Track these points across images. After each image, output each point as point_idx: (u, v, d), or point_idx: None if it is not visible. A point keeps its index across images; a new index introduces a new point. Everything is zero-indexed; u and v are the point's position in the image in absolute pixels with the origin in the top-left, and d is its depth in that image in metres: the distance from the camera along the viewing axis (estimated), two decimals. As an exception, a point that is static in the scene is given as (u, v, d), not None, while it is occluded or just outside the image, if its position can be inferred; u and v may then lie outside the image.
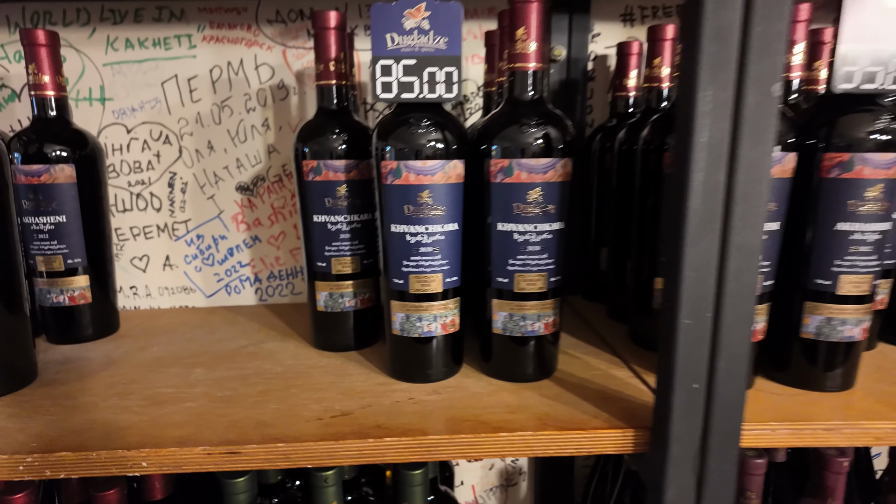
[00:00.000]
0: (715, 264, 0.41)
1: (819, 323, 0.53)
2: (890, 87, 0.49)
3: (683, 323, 0.42)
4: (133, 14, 0.81)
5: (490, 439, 0.47)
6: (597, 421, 0.49)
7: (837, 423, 0.48)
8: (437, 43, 0.50)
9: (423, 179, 0.51)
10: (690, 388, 0.43)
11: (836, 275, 0.51)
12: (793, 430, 0.48)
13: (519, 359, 0.56)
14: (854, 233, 0.50)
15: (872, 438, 0.48)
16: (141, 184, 0.86)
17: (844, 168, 0.49)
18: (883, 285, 0.63)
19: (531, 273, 0.54)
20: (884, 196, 0.50)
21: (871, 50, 0.48)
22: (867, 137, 0.49)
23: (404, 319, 0.55)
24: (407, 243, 0.53)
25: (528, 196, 0.52)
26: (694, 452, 0.44)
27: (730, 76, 0.39)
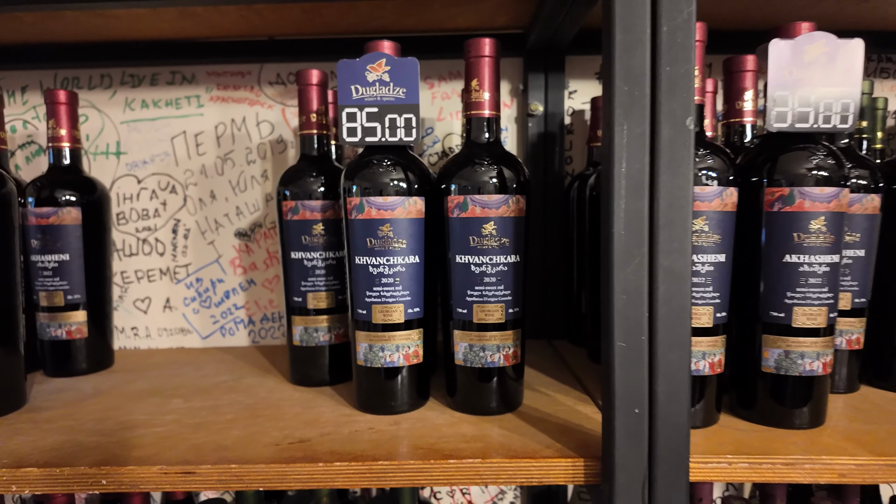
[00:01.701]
0: (645, 287, 0.43)
1: (778, 356, 0.53)
2: (822, 126, 0.51)
3: (619, 346, 0.43)
4: (150, 78, 0.90)
5: (438, 466, 0.47)
6: (549, 451, 0.49)
7: (798, 457, 0.47)
8: (397, 93, 0.55)
9: (384, 214, 0.55)
10: (632, 413, 0.43)
11: (789, 307, 0.52)
12: (751, 464, 0.47)
13: (481, 391, 0.57)
14: (802, 264, 0.51)
15: (836, 475, 0.47)
16: (147, 230, 0.92)
17: (785, 202, 0.51)
18: (856, 325, 0.63)
19: (489, 304, 0.55)
20: (828, 229, 0.51)
21: (799, 94, 0.51)
22: (806, 173, 0.51)
23: (367, 350, 0.57)
24: (370, 274, 0.56)
25: (483, 230, 0.55)
26: (641, 482, 0.44)
27: (643, 112, 0.42)
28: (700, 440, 0.51)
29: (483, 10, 0.78)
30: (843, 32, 0.51)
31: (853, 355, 0.63)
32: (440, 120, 0.91)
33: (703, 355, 0.52)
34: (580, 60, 0.90)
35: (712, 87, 0.74)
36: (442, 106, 0.91)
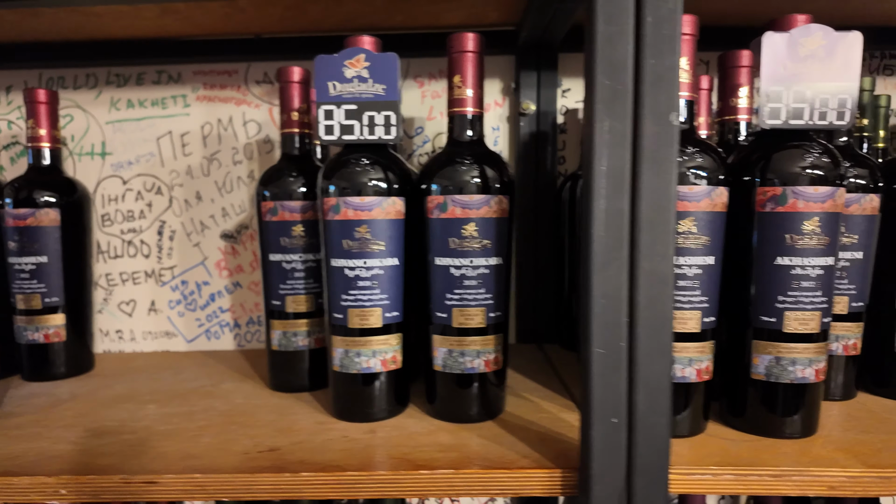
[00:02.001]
0: (625, 292, 0.41)
1: (768, 363, 0.50)
2: (818, 122, 0.49)
3: (597, 352, 0.41)
4: (136, 78, 0.89)
5: (410, 477, 0.45)
6: (526, 461, 0.47)
7: (787, 469, 0.45)
8: (376, 90, 0.54)
9: (361, 215, 0.53)
10: (609, 423, 0.41)
11: (780, 311, 0.50)
12: (737, 476, 0.45)
13: (460, 398, 0.55)
14: (795, 267, 0.49)
15: (826, 488, 0.45)
16: (132, 231, 0.91)
17: (778, 202, 0.49)
18: (853, 329, 0.60)
19: (469, 308, 0.53)
20: (822, 230, 0.49)
21: (794, 89, 0.48)
22: (799, 172, 0.49)
23: (343, 355, 0.55)
24: (346, 277, 0.54)
25: (463, 231, 0.53)
26: (619, 494, 0.42)
27: (626, 108, 0.40)
28: (685, 450, 0.48)
29: (473, 6, 0.77)
30: (844, 28, 0.49)
31: (850, 361, 0.61)
32: (430, 119, 0.89)
33: (690, 361, 0.50)
34: (573, 58, 0.88)
35: (707, 84, 0.72)
36: (432, 105, 0.89)
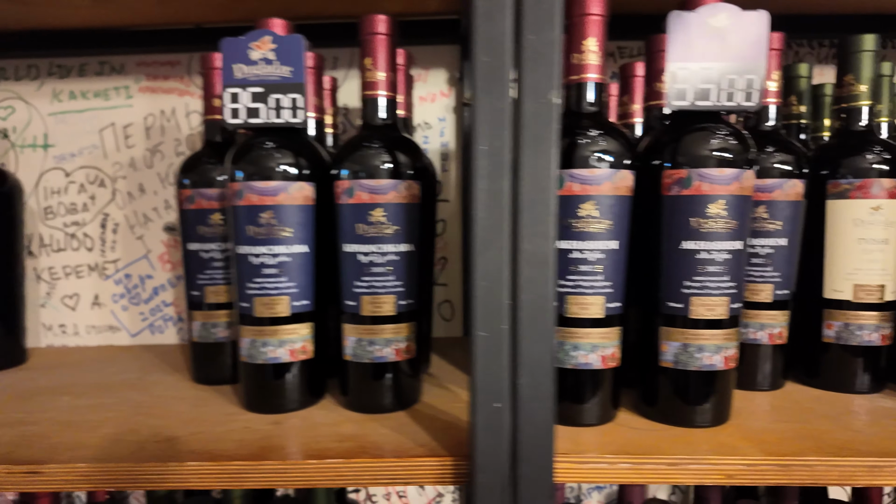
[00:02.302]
0: (507, 273, 0.40)
1: (676, 350, 0.49)
2: (725, 103, 0.48)
3: (479, 335, 0.40)
4: (78, 69, 0.88)
5: (296, 467, 0.44)
6: (421, 450, 0.45)
7: (683, 458, 0.44)
8: (283, 72, 0.53)
9: (266, 200, 0.52)
10: (492, 408, 0.40)
11: (686, 297, 0.49)
12: (633, 465, 0.44)
13: (371, 388, 0.54)
14: (700, 251, 0.48)
15: (723, 476, 0.44)
16: (75, 224, 0.90)
17: (683, 185, 0.48)
18: (779, 318, 0.59)
19: (378, 295, 0.52)
20: (728, 213, 0.47)
21: (700, 68, 0.47)
22: (704, 154, 0.48)
23: (250, 345, 0.54)
24: (251, 265, 0.53)
25: (370, 216, 0.52)
26: (503, 483, 0.41)
27: (504, 85, 0.39)
28: (592, 438, 0.47)
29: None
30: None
31: (777, 350, 0.60)
32: (375, 110, 0.88)
33: (594, 348, 0.49)
34: (518, 48, 0.87)
35: (643, 71, 0.71)
36: (377, 96, 0.88)
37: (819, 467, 0.43)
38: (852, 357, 0.59)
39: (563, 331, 0.49)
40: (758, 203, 0.58)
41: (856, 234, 0.58)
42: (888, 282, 0.58)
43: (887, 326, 0.59)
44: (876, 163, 0.57)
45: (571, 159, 0.48)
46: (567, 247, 0.48)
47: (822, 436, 0.48)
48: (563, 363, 0.49)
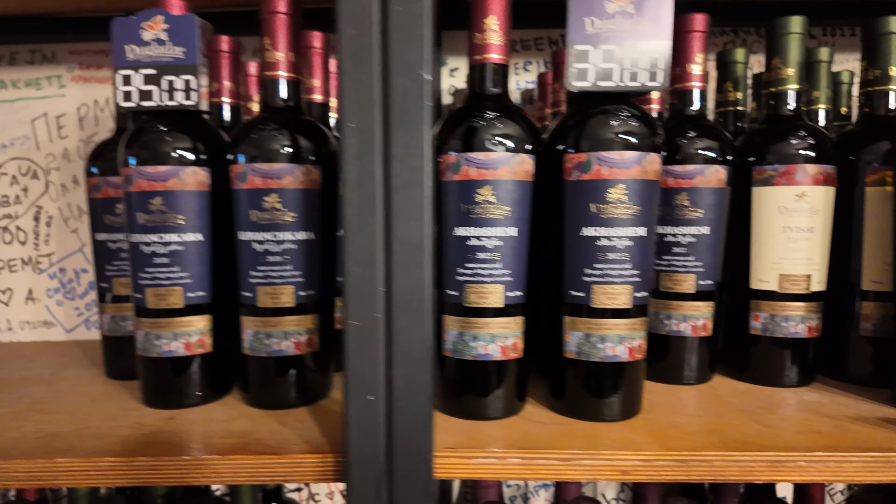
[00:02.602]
0: (381, 259, 0.37)
1: (579, 340, 0.47)
2: (629, 84, 0.46)
3: (352, 325, 0.38)
4: (8, 57, 0.85)
5: (172, 463, 0.42)
6: (306, 446, 0.43)
7: (577, 453, 0.42)
8: (176, 53, 0.50)
9: (156, 185, 0.50)
10: (366, 401, 0.38)
11: (588, 285, 0.47)
12: (523, 461, 0.42)
13: (270, 383, 0.52)
14: (601, 238, 0.46)
15: (618, 473, 0.42)
16: (7, 217, 0.87)
17: (583, 169, 0.46)
18: (703, 309, 0.57)
19: (275, 286, 0.50)
20: (629, 198, 0.45)
21: (602, 49, 0.45)
22: (604, 137, 0.46)
23: (144, 337, 0.52)
24: (142, 254, 0.51)
25: (265, 202, 0.49)
26: (378, 477, 0.39)
27: (371, 60, 0.37)
28: (491, 432, 0.45)
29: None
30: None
31: (703, 343, 0.58)
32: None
33: (493, 338, 0.47)
34: (460, 35, 0.85)
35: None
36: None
37: (718, 462, 0.41)
38: (779, 349, 0.57)
39: (463, 321, 0.47)
40: (679, 190, 0.56)
41: (781, 222, 0.56)
42: (814, 272, 0.56)
43: (814, 318, 0.57)
44: (801, 148, 0.55)
45: (469, 142, 0.46)
46: (464, 234, 0.46)
47: (729, 431, 0.46)
48: (463, 354, 0.47)
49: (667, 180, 0.57)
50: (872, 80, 0.58)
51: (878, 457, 0.41)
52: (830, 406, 0.52)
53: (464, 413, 0.48)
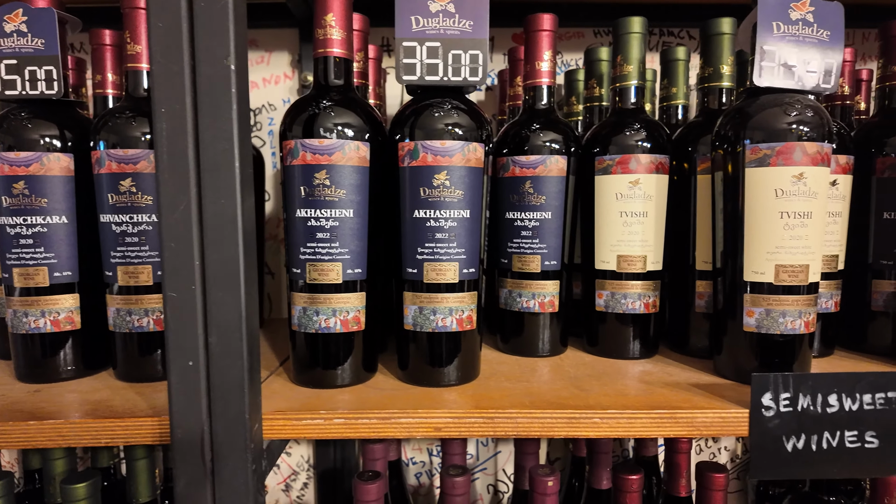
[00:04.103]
0: (195, 234, 0.41)
1: (414, 313, 0.52)
2: (452, 79, 0.50)
3: (170, 296, 0.41)
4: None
5: (17, 428, 0.45)
6: (150, 411, 0.47)
7: (396, 412, 0.46)
8: (36, 44, 0.53)
9: (18, 171, 0.53)
10: (186, 366, 0.42)
11: (420, 262, 0.51)
12: (347, 420, 0.46)
13: (132, 357, 0.55)
14: (429, 219, 0.50)
15: (431, 429, 0.46)
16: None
17: (412, 157, 0.50)
18: (549, 287, 0.62)
19: (133, 265, 0.53)
20: (452, 183, 0.50)
21: (427, 45, 0.49)
22: (429, 127, 0.50)
23: (13, 315, 0.54)
24: (8, 235, 0.53)
25: (121, 186, 0.52)
26: (200, 439, 0.42)
27: (183, 50, 0.40)
28: (339, 397, 0.50)
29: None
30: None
31: (553, 318, 0.63)
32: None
33: (334, 312, 0.51)
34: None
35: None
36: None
37: (521, 419, 0.46)
38: (620, 325, 0.63)
39: (307, 297, 0.51)
40: (525, 179, 0.61)
41: (618, 207, 0.61)
42: (649, 253, 0.61)
43: (651, 295, 0.62)
44: (636, 140, 0.60)
45: (308, 130, 0.49)
46: (305, 215, 0.50)
47: (546, 394, 0.51)
48: (307, 328, 0.51)
49: (514, 169, 0.61)
50: (707, 76, 0.63)
51: (664, 413, 0.46)
52: (656, 374, 0.57)
53: (313, 383, 0.52)
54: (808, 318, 0.51)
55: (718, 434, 0.47)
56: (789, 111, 0.50)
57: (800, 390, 0.46)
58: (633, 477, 0.65)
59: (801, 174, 0.50)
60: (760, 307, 0.51)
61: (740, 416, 0.46)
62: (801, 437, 0.46)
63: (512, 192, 0.62)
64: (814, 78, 0.51)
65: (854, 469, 0.46)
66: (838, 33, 0.51)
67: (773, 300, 0.51)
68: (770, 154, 0.50)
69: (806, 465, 0.46)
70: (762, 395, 0.45)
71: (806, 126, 0.50)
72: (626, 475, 0.65)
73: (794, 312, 0.51)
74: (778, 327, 0.51)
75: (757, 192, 0.51)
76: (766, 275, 0.51)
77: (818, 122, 0.50)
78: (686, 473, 0.75)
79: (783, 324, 0.51)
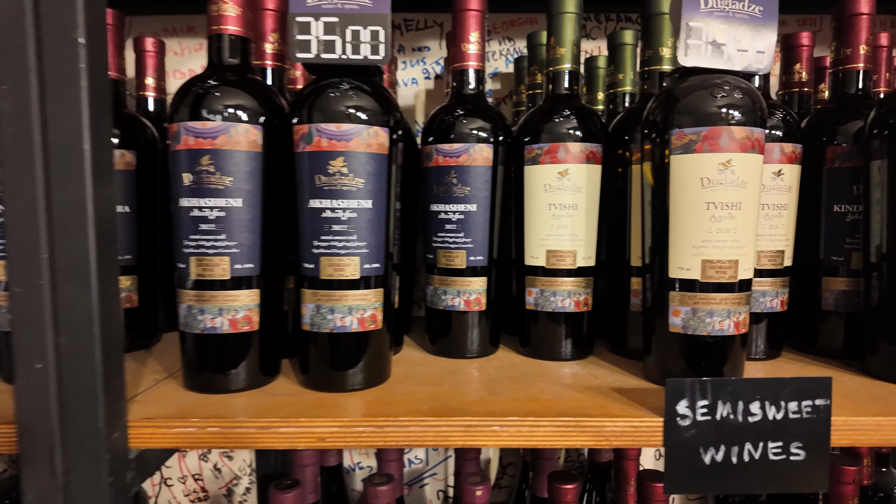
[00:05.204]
0: (42, 224, 0.37)
1: (312, 312, 0.48)
2: (352, 56, 0.46)
3: (15, 292, 0.37)
4: None
5: None
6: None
7: (276, 421, 0.42)
8: None
9: None
10: (34, 368, 0.38)
11: (317, 257, 0.47)
12: (223, 429, 0.42)
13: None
14: (325, 210, 0.46)
15: (315, 440, 0.42)
16: None
17: (306, 141, 0.46)
18: (476, 284, 0.58)
19: None
20: (349, 170, 0.46)
21: (324, 21, 0.46)
22: (323, 109, 0.46)
23: None
24: None
25: (-1, 175, 0.49)
26: (52, 446, 0.38)
27: (26, 22, 0.36)
28: (234, 402, 0.46)
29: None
30: None
31: (481, 317, 0.59)
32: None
33: (221, 311, 0.47)
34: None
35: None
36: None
37: (413, 428, 0.42)
38: (551, 324, 0.59)
39: (194, 294, 0.47)
40: (448, 168, 0.57)
41: (546, 199, 0.57)
42: (580, 248, 0.57)
43: (582, 293, 0.58)
44: (566, 128, 0.56)
45: (193, 111, 0.45)
46: (187, 204, 0.46)
47: (452, 399, 0.47)
48: (193, 328, 0.47)
49: (438, 158, 0.57)
50: (647, 59, 0.59)
51: (570, 422, 0.43)
52: (581, 377, 0.53)
53: (202, 388, 0.48)
54: (738, 318, 0.47)
55: (630, 445, 0.43)
56: (716, 93, 0.46)
57: (719, 397, 0.42)
58: (567, 487, 0.62)
59: (728, 161, 0.46)
60: (687, 306, 0.47)
61: (655, 425, 0.42)
62: (721, 449, 0.42)
63: (436, 183, 0.58)
64: (745, 58, 0.47)
65: (778, 484, 0.42)
66: (772, 9, 0.47)
67: (700, 298, 0.47)
68: (696, 140, 0.46)
69: (725, 479, 0.42)
70: (677, 402, 0.41)
71: (735, 109, 0.46)
72: (561, 484, 0.61)
73: (722, 312, 0.47)
74: (705, 328, 0.47)
75: (682, 181, 0.47)
76: (693, 271, 0.47)
77: (749, 106, 0.46)
78: (634, 481, 0.72)
79: (710, 324, 0.47)
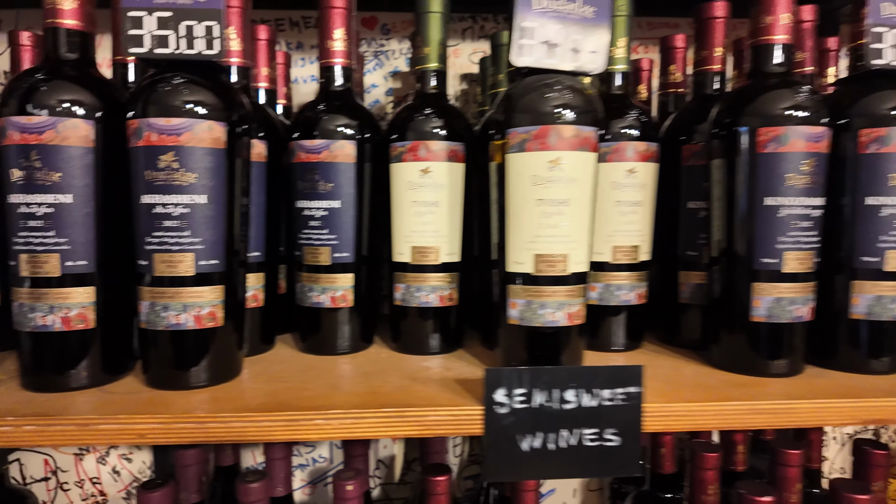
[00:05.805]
0: None
1: (147, 309, 0.47)
2: (186, 51, 0.46)
3: None
4: None
5: None
6: None
7: (95, 418, 0.42)
8: None
9: None
10: None
11: (150, 254, 0.46)
12: (40, 427, 0.41)
13: None
14: (157, 206, 0.46)
15: (136, 437, 0.42)
16: None
17: (138, 136, 0.46)
18: (340, 280, 0.58)
19: None
20: (182, 165, 0.46)
21: (158, 15, 0.45)
22: (154, 103, 0.45)
23: None
24: None
25: None
26: None
27: None
28: (69, 401, 0.45)
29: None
30: None
31: (350, 313, 0.59)
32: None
33: (52, 309, 0.46)
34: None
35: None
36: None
37: (235, 423, 0.42)
38: (418, 319, 0.60)
39: (27, 291, 0.46)
40: (311, 165, 0.57)
41: (410, 196, 0.58)
42: (443, 244, 0.58)
43: (446, 288, 0.59)
44: (428, 126, 0.57)
45: (20, 105, 0.45)
46: (15, 201, 0.45)
47: (288, 393, 0.47)
48: (25, 326, 0.46)
49: (300, 155, 0.58)
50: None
51: (392, 412, 0.43)
52: (435, 371, 0.54)
53: (37, 387, 0.47)
54: (571, 309, 0.49)
55: (451, 433, 0.44)
56: (546, 93, 0.48)
57: (535, 386, 0.43)
58: (439, 479, 0.62)
59: (557, 159, 0.47)
60: (522, 298, 0.49)
61: (475, 413, 0.43)
62: (538, 436, 0.43)
63: (300, 180, 0.58)
64: (578, 58, 0.49)
65: (594, 469, 0.43)
66: (604, 10, 0.49)
67: (533, 291, 0.48)
68: (527, 139, 0.47)
69: (543, 465, 0.43)
70: (495, 390, 0.43)
71: (564, 109, 0.47)
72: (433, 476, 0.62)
73: (553, 304, 0.48)
74: (538, 319, 0.48)
75: (516, 179, 0.48)
76: (527, 265, 0.48)
77: (580, 106, 0.48)
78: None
79: (542, 315, 0.48)
